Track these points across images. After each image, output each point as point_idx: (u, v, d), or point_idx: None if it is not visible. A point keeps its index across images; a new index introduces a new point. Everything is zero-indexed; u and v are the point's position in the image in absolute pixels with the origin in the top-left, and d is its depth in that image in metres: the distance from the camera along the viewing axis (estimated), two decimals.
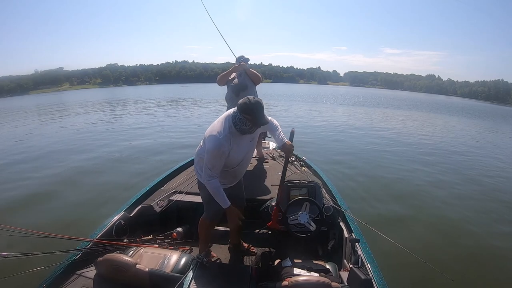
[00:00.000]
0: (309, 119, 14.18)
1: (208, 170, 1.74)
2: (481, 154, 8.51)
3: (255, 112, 1.67)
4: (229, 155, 1.75)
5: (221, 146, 1.69)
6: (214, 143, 1.69)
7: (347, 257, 2.11)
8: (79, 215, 3.87)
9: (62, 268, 1.75)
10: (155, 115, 15.02)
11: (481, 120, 20.60)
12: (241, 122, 1.71)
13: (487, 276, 2.96)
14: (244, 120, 1.69)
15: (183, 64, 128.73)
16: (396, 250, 2.07)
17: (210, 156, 1.71)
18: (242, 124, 1.71)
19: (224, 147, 1.70)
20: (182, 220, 2.60)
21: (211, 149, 1.70)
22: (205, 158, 1.76)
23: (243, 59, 3.36)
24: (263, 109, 1.71)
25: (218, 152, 1.70)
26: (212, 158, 1.72)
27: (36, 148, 8.05)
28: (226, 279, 1.78)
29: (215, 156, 1.71)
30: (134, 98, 29.69)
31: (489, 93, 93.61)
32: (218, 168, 1.75)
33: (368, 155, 7.35)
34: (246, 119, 1.69)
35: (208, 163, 1.73)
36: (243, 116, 1.69)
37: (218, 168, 1.75)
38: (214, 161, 1.72)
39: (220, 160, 1.73)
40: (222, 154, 1.71)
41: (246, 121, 1.70)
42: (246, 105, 1.67)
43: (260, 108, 1.69)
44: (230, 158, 1.77)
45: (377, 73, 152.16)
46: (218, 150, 1.69)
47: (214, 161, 1.72)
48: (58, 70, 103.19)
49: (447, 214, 4.26)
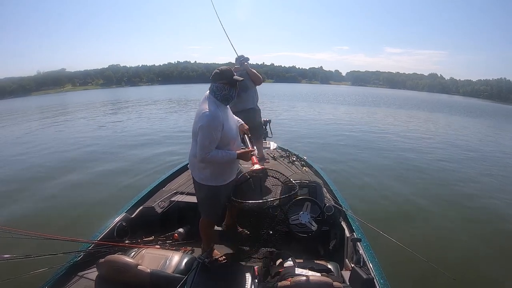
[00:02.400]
0: (310, 119, 14.16)
1: (205, 147, 1.76)
2: (483, 153, 8.48)
3: (225, 74, 1.84)
4: (224, 127, 1.80)
5: (216, 117, 1.76)
6: (208, 116, 1.75)
7: (349, 257, 2.10)
8: (81, 216, 3.87)
9: (64, 269, 1.76)
10: (156, 116, 15.06)
11: (484, 119, 20.54)
12: (219, 90, 1.84)
13: (489, 275, 2.95)
14: (221, 86, 1.83)
15: (185, 64, 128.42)
16: (397, 249, 2.07)
17: (207, 130, 1.74)
18: (221, 91, 1.84)
19: (218, 117, 1.77)
20: (183, 221, 2.60)
21: (207, 122, 1.74)
22: (200, 137, 1.77)
23: (243, 59, 3.35)
24: (231, 71, 1.87)
25: (214, 123, 1.75)
26: (208, 132, 1.75)
27: (36, 150, 8.07)
28: (228, 280, 1.78)
29: (212, 128, 1.75)
30: (136, 99, 29.72)
31: (491, 92, 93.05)
32: (215, 142, 1.79)
33: (369, 154, 7.35)
34: (222, 84, 1.83)
35: (205, 139, 1.75)
36: (218, 83, 1.84)
37: (214, 142, 1.78)
38: (212, 134, 1.75)
39: (216, 133, 1.77)
40: (218, 125, 1.77)
41: (223, 85, 1.83)
42: (217, 73, 1.84)
43: (228, 70, 1.87)
44: (225, 131, 1.82)
45: (379, 73, 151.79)
46: (214, 121, 1.75)
47: (211, 134, 1.75)
48: (60, 71, 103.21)
49: (449, 213, 4.25)
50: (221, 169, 1.92)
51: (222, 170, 1.93)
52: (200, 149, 1.77)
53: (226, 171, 1.97)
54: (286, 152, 3.87)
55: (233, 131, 1.92)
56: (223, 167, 1.93)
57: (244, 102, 3.31)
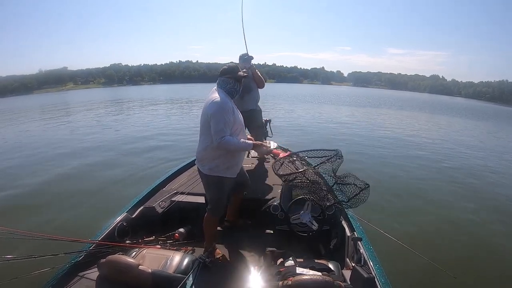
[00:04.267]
0: (311, 119, 14.14)
1: (221, 130, 1.83)
2: (485, 154, 8.46)
3: (231, 69, 2.00)
4: (234, 113, 1.93)
5: (227, 101, 1.91)
6: (219, 102, 1.87)
7: (350, 256, 2.10)
8: (81, 217, 3.87)
9: (65, 270, 1.76)
10: (157, 115, 15.07)
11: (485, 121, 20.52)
12: (225, 83, 1.99)
13: (490, 274, 2.94)
14: (226, 79, 1.99)
15: (187, 64, 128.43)
16: (398, 248, 2.07)
17: (220, 114, 1.84)
18: (227, 84, 1.99)
19: (228, 102, 1.92)
20: (184, 221, 2.60)
21: (219, 107, 1.85)
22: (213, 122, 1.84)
23: (246, 57, 3.35)
24: (237, 66, 2.04)
25: (226, 106, 1.87)
26: (222, 115, 1.84)
27: (36, 150, 8.04)
28: (228, 279, 1.79)
29: (224, 111, 1.86)
30: (138, 98, 29.72)
31: (493, 94, 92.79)
32: (229, 126, 1.88)
33: (370, 154, 7.33)
34: (228, 78, 1.99)
35: (219, 123, 1.83)
36: (224, 77, 1.99)
37: (229, 126, 1.88)
38: (225, 117, 1.85)
39: (229, 116, 1.87)
40: (229, 108, 1.89)
41: (228, 79, 1.99)
42: (224, 69, 2.02)
43: (234, 66, 2.03)
44: (235, 117, 1.94)
45: (381, 73, 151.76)
46: (225, 105, 1.88)
47: (225, 117, 1.85)
48: (62, 69, 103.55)
49: (450, 212, 4.24)
50: (231, 163, 2.02)
51: (234, 162, 2.04)
52: (216, 133, 1.84)
53: (238, 164, 2.09)
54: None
55: (240, 124, 2.03)
56: (232, 161, 2.01)
57: (247, 103, 3.33)
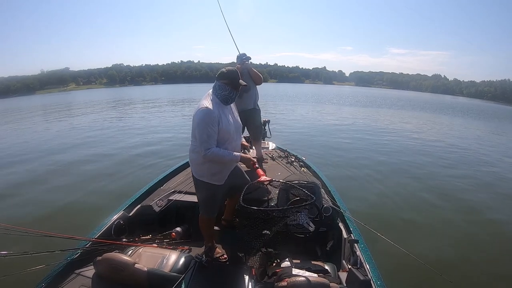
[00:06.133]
0: (310, 119, 14.13)
1: (205, 141, 1.78)
2: (483, 155, 8.43)
3: (230, 75, 1.88)
4: (220, 123, 1.82)
5: (211, 112, 1.79)
6: (204, 111, 1.79)
7: (346, 258, 2.10)
8: (78, 214, 3.87)
9: (61, 267, 1.76)
10: (157, 115, 15.08)
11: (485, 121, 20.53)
12: (220, 89, 1.89)
13: (486, 278, 2.94)
14: (223, 85, 1.88)
15: (189, 64, 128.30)
16: (395, 251, 2.06)
17: (203, 125, 1.78)
18: (222, 90, 1.88)
19: (213, 113, 1.79)
20: (181, 220, 2.60)
21: (203, 117, 1.78)
22: (197, 132, 1.81)
23: (244, 57, 3.34)
24: (237, 74, 1.91)
25: (209, 118, 1.78)
26: (205, 127, 1.78)
27: (35, 148, 8.07)
28: (224, 279, 1.78)
29: (207, 123, 1.77)
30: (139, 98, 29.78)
31: (495, 93, 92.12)
32: (213, 138, 1.81)
33: (368, 156, 7.32)
34: (224, 84, 1.88)
35: (203, 134, 1.78)
36: (221, 82, 1.88)
37: (213, 137, 1.81)
38: (208, 129, 1.78)
39: (213, 127, 1.79)
40: (213, 119, 1.79)
41: (225, 86, 1.88)
42: (223, 72, 1.89)
43: (234, 72, 1.91)
44: (222, 127, 1.84)
45: (383, 73, 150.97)
46: (209, 116, 1.78)
47: (208, 129, 1.77)
48: (64, 70, 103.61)
49: (447, 215, 4.23)
50: (218, 169, 1.94)
51: (219, 169, 1.95)
52: (200, 144, 1.80)
53: (223, 172, 1.99)
54: (285, 153, 3.86)
55: (230, 130, 1.91)
56: (220, 167, 1.95)
57: (245, 102, 3.31)
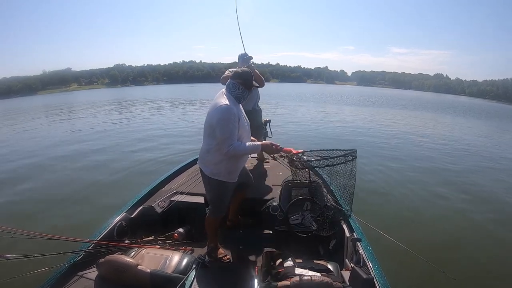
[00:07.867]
0: (310, 119, 14.08)
1: (228, 138, 1.83)
2: (486, 152, 8.44)
3: (244, 76, 1.98)
4: (240, 120, 1.90)
5: (231, 109, 1.86)
6: (224, 109, 1.85)
7: (349, 257, 2.10)
8: (81, 216, 3.88)
9: (64, 269, 1.76)
10: (158, 116, 15.10)
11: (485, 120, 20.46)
12: (234, 88, 1.97)
13: (489, 275, 2.94)
14: (237, 84, 1.97)
15: (191, 64, 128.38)
16: (398, 249, 2.07)
17: (225, 122, 1.83)
18: (235, 89, 1.97)
19: (233, 110, 1.87)
20: (183, 221, 2.60)
21: (224, 114, 1.84)
22: (219, 131, 1.85)
23: (246, 57, 3.35)
24: (251, 75, 2.03)
25: (231, 115, 1.84)
26: (227, 124, 1.83)
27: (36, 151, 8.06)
28: (227, 279, 1.78)
29: (229, 120, 1.83)
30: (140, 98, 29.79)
31: (497, 92, 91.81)
32: (235, 134, 1.87)
33: (369, 155, 7.30)
34: (238, 84, 1.97)
35: (225, 132, 1.83)
36: (235, 81, 1.97)
37: (235, 134, 1.87)
38: (230, 125, 1.84)
39: (234, 124, 1.85)
40: (234, 116, 1.85)
41: (239, 85, 1.97)
42: (237, 72, 2.01)
43: (249, 73, 2.02)
44: (240, 125, 1.92)
45: (385, 73, 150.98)
46: (230, 113, 1.84)
47: (230, 125, 1.83)
48: (66, 70, 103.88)
49: (449, 213, 4.23)
50: (235, 166, 2.02)
51: (236, 167, 2.04)
52: (223, 142, 1.85)
53: (238, 169, 2.07)
54: None
55: (246, 128, 2.02)
56: (234, 165, 2.01)
57: (247, 103, 3.30)
